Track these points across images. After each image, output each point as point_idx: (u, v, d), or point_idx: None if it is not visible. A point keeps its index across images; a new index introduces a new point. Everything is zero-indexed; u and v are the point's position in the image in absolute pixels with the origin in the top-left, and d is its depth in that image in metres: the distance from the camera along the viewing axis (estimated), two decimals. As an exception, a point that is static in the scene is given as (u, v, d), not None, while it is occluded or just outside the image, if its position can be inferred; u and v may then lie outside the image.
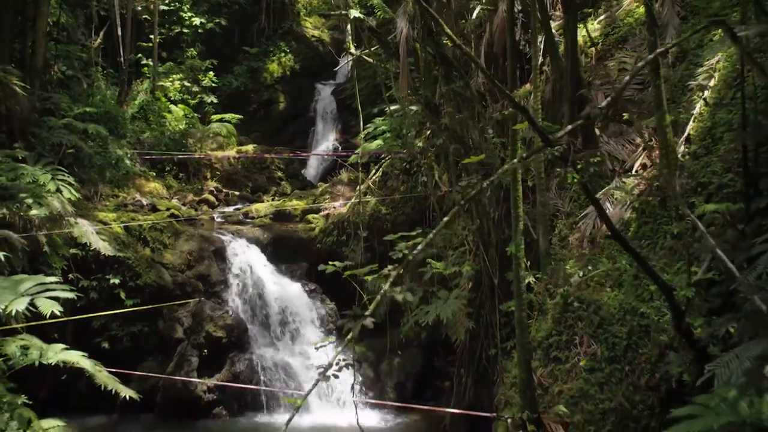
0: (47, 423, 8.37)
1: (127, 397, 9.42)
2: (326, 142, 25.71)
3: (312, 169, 25.34)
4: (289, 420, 4.14)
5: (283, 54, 28.99)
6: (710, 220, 8.55)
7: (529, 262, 11.88)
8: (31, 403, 8.98)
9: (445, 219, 4.95)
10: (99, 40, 24.07)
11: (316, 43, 29.72)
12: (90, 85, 21.87)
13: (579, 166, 6.32)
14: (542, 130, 5.76)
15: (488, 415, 10.59)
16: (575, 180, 7.50)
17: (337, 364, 5.37)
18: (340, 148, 23.47)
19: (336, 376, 5.02)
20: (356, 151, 16.37)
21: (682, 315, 7.00)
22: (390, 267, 5.21)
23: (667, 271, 8.66)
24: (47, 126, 16.52)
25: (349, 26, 19.33)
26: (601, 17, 14.70)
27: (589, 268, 10.34)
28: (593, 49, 14.07)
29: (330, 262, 6.55)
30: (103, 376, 8.95)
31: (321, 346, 5.84)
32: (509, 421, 9.61)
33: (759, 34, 7.34)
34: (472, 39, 15.40)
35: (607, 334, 9.61)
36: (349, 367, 5.73)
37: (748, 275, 5.62)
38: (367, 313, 4.89)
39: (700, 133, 10.32)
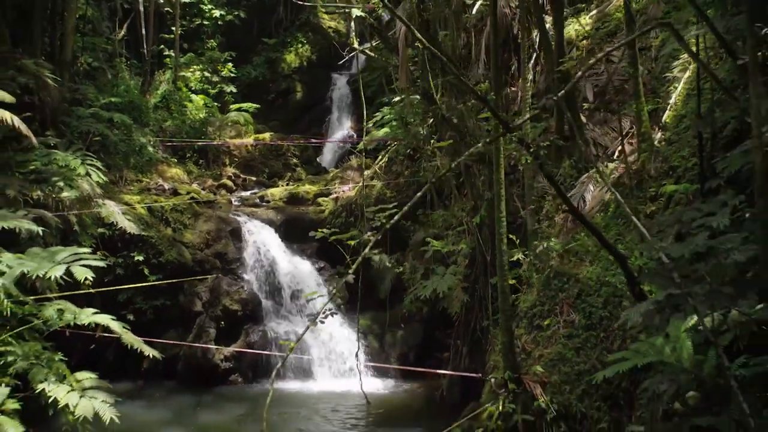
0: (81, 375, 9.45)
1: (151, 356, 10.39)
2: (341, 130, 26.35)
3: (328, 156, 26.01)
4: (284, 360, 5.19)
5: (300, 45, 29.57)
6: (678, 200, 9.49)
7: (518, 240, 12.85)
8: (66, 359, 10.11)
9: (418, 195, 5.94)
10: (123, 33, 24.81)
11: (333, 34, 30.29)
12: (114, 76, 22.59)
13: (531, 150, 7.16)
14: (502, 118, 6.75)
15: (476, 375, 11.60)
16: (528, 162, 8.37)
17: (323, 312, 6.32)
18: (355, 136, 24.19)
19: (322, 322, 6.01)
20: (364, 139, 17.22)
21: (634, 280, 7.90)
22: (369, 233, 6.23)
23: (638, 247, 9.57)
24: (76, 115, 17.29)
25: (353, 23, 20.14)
26: (593, 12, 15.51)
27: (571, 244, 11.31)
28: (585, 42, 14.93)
29: (319, 229, 7.53)
30: (130, 336, 9.98)
31: (311, 299, 6.86)
32: (493, 381, 10.56)
33: (703, 35, 8.25)
34: (473, 32, 16.21)
35: (584, 304, 10.49)
36: (333, 315, 6.70)
37: (685, 246, 6.54)
38: (350, 271, 5.91)
39: (674, 121, 11.19)
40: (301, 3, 20.19)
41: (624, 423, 8.62)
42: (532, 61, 15.22)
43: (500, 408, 9.79)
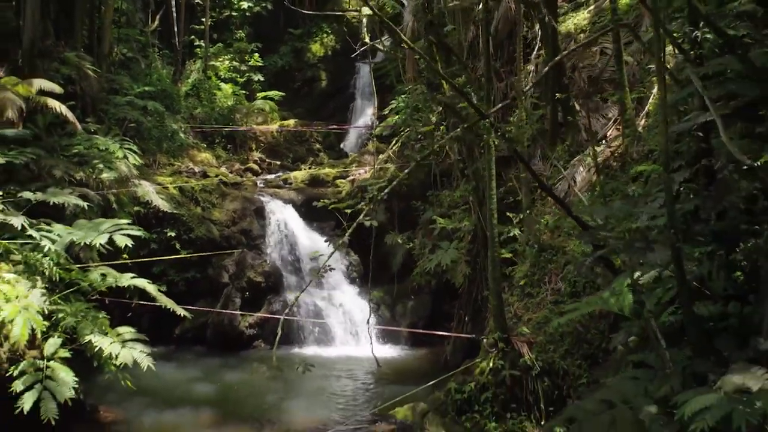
0: (121, 329, 10.82)
1: (183, 315, 11.75)
2: (364, 117, 27.06)
3: (351, 141, 26.90)
4: (296, 298, 6.45)
5: (325, 35, 30.30)
6: (651, 179, 10.63)
7: (515, 218, 14.03)
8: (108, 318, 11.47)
9: (406, 170, 7.20)
10: (155, 24, 25.82)
11: (357, 24, 31.19)
12: (148, 66, 23.63)
13: (500, 133, 8.34)
14: (476, 106, 7.98)
15: (472, 336, 12.86)
16: (496, 143, 9.48)
17: (323, 268, 7.55)
18: (377, 122, 25.28)
19: (322, 276, 7.28)
20: (381, 124, 18.37)
21: (600, 248, 9.05)
22: (364, 201, 7.47)
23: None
24: (113, 103, 18.40)
25: (364, 20, 21.20)
26: (591, 6, 16.57)
27: (560, 221, 12.47)
28: (582, 35, 16.01)
29: (322, 200, 8.78)
30: (163, 298, 11.38)
31: (315, 257, 8.12)
32: (485, 341, 11.76)
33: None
34: (481, 26, 17.30)
35: (570, 274, 11.68)
36: (332, 270, 7.96)
37: (605, 210, 7.73)
38: (347, 234, 7.18)
39: (655, 108, 12.32)
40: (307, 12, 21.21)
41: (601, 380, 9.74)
42: (534, 53, 16.36)
43: (490, 364, 10.86)
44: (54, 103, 12.56)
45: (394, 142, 19.31)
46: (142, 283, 11.24)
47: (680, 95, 7.02)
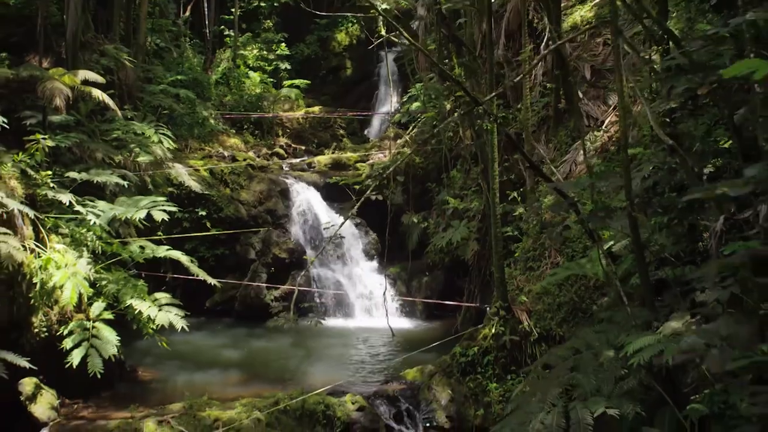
0: (158, 295, 12.01)
1: (213, 285, 12.91)
2: (387, 104, 27.22)
3: (374, 128, 27.68)
4: (309, 265, 7.57)
5: (350, 24, 30.93)
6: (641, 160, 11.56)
7: (519, 198, 15.03)
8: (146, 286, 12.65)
9: (408, 153, 8.26)
10: (187, 15, 27.05)
11: (375, 16, 31.76)
12: (180, 55, 24.75)
13: (492, 118, 9.34)
14: (471, 95, 9.01)
15: (478, 305, 13.94)
16: (488, 127, 10.46)
17: (335, 237, 8.62)
18: (398, 109, 26.15)
19: (335, 243, 8.35)
20: (399, 111, 19.36)
21: (585, 222, 10.02)
22: (370, 180, 8.53)
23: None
24: (148, 91, 19.52)
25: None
26: (596, 0, 17.39)
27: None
28: (587, 27, 16.84)
29: (333, 177, 9.78)
30: (195, 267, 12.55)
31: (327, 228, 9.21)
32: (488, 310, 12.81)
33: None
34: (493, 18, 18.20)
35: (568, 249, 12.65)
36: (343, 238, 9.03)
37: (573, 183, 8.77)
38: (356, 206, 8.23)
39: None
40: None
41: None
42: (543, 43, 17.23)
43: (492, 330, 11.90)
44: (97, 92, 13.69)
45: (410, 128, 20.31)
46: (177, 254, 12.41)
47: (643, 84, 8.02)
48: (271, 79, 27.42)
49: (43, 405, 10.73)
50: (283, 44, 28.91)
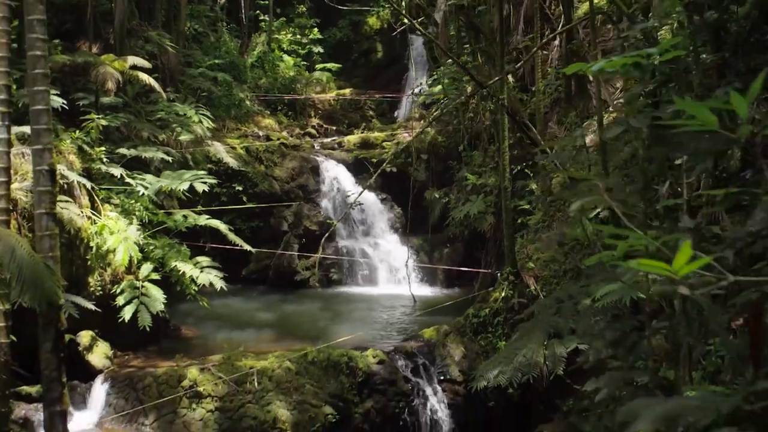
0: (199, 258, 13.33)
1: (249, 250, 14.18)
2: (417, 86, 29.10)
3: (403, 109, 28.24)
4: (334, 225, 8.82)
5: (381, 8, 31.01)
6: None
7: (531, 173, 16.07)
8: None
9: (418, 131, 9.40)
10: (223, 0, 27.92)
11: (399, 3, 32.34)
12: (217, 40, 25.67)
13: (494, 99, 10.42)
14: (476, 79, 10.13)
15: (490, 271, 15.08)
16: (492, 106, 11.53)
17: (354, 204, 9.73)
18: (425, 91, 27.05)
19: (353, 208, 9.50)
20: (424, 93, 20.41)
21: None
22: (395, 149, 9.62)
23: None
24: (188, 75, 20.78)
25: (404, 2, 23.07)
26: (610, -13, 18.28)
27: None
28: (600, 16, 17.76)
29: (354, 152, 10.91)
30: (233, 235, 13.86)
31: (349, 195, 10.37)
32: (499, 275, 13.93)
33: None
34: (512, 5, 19.17)
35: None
36: (361, 204, 10.17)
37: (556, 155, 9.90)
38: (373, 176, 9.39)
39: (654, 78, 14.19)
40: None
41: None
42: (559, 29, 18.19)
43: (502, 293, 13.04)
44: (144, 76, 14.97)
45: (434, 108, 21.38)
46: (216, 223, 13.72)
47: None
48: (305, 63, 28.24)
49: (99, 355, 12.13)
50: (316, 29, 29.71)
